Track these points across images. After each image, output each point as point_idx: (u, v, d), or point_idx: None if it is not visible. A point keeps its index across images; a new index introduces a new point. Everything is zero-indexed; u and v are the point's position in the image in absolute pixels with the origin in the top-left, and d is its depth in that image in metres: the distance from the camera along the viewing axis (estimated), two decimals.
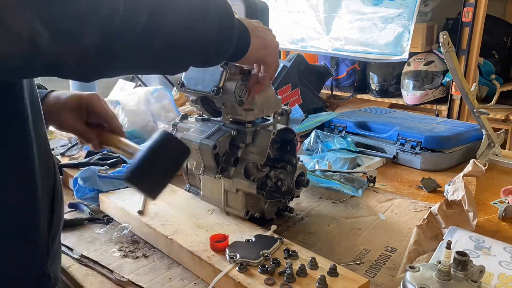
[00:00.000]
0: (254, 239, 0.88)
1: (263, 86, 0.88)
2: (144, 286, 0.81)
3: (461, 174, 1.06)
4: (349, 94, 3.21)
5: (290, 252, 0.83)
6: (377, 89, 3.04)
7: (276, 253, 0.84)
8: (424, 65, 2.77)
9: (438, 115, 2.67)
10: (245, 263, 0.79)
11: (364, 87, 3.20)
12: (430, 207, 1.04)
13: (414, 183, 1.32)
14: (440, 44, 1.30)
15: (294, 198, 1.07)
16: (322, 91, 3.03)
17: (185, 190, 1.10)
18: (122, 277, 0.84)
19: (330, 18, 2.83)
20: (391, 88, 3.02)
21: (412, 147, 1.45)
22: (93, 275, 0.85)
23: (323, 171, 1.30)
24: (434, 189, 1.27)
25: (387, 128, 1.56)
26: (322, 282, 0.73)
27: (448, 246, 0.65)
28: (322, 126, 1.70)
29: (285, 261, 0.81)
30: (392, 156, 1.49)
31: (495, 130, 1.51)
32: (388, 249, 0.94)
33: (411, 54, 2.68)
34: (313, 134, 1.55)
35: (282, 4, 3.08)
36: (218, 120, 0.98)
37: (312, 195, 1.21)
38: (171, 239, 0.89)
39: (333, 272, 0.76)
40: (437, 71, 2.75)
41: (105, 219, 1.06)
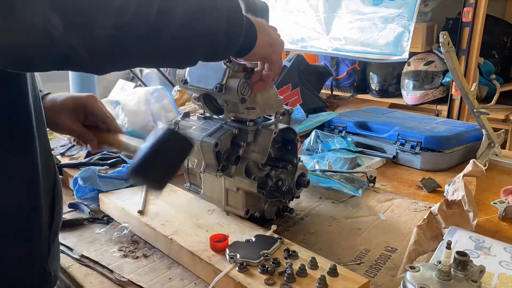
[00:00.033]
0: (254, 239, 0.88)
1: (266, 84, 0.88)
2: (144, 286, 0.81)
3: (461, 174, 1.06)
4: (349, 94, 3.21)
5: (290, 252, 0.83)
6: (377, 89, 3.04)
7: (276, 253, 0.84)
8: (424, 65, 2.77)
9: (438, 115, 2.67)
10: (245, 263, 0.79)
11: (364, 87, 3.20)
12: (430, 207, 1.04)
13: (414, 183, 1.32)
14: (440, 44, 1.30)
15: (294, 198, 1.07)
16: (322, 91, 3.03)
17: (185, 190, 1.10)
18: (122, 277, 0.84)
19: (330, 18, 2.83)
20: (391, 88, 3.02)
21: (412, 147, 1.45)
22: (93, 275, 0.85)
23: (323, 171, 1.30)
24: (434, 189, 1.27)
25: (387, 128, 1.56)
26: (322, 282, 0.73)
27: (448, 246, 0.65)
28: (322, 126, 1.70)
29: (285, 261, 0.81)
30: (392, 156, 1.49)
31: (495, 130, 1.51)
32: (388, 249, 0.94)
33: (411, 54, 2.68)
34: (313, 134, 1.55)
35: (282, 4, 3.08)
36: (220, 118, 0.98)
37: (312, 195, 1.21)
38: (171, 239, 0.89)
39: (333, 272, 0.76)
40: (437, 71, 2.75)
41: (105, 219, 1.06)
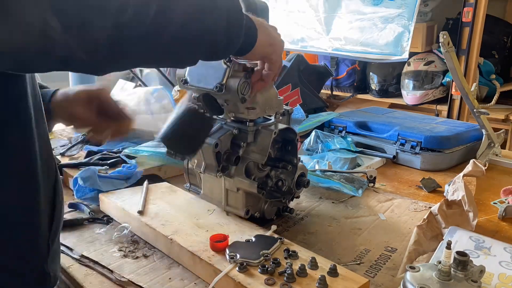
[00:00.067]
0: (254, 239, 0.88)
1: (266, 83, 0.88)
2: (144, 286, 0.81)
3: (461, 174, 1.06)
4: (349, 94, 3.21)
5: (290, 252, 0.83)
6: (377, 89, 3.04)
7: (276, 253, 0.83)
8: (424, 65, 2.77)
9: (438, 115, 2.67)
10: (245, 263, 0.78)
11: (364, 87, 3.20)
12: (430, 207, 1.04)
13: (414, 183, 1.32)
14: (440, 44, 1.30)
15: (294, 198, 1.07)
16: (322, 91, 3.03)
17: (185, 190, 1.10)
18: (122, 277, 0.84)
19: (330, 18, 2.83)
20: (391, 88, 3.02)
21: (412, 147, 1.45)
22: (93, 275, 0.85)
23: (323, 171, 1.30)
24: (434, 189, 1.27)
25: (387, 128, 1.56)
26: (322, 282, 0.73)
27: (448, 246, 0.64)
28: (322, 126, 1.70)
29: (285, 261, 0.81)
30: (392, 156, 1.49)
31: (495, 130, 1.51)
32: (388, 249, 0.94)
33: (411, 54, 2.68)
34: (313, 134, 1.55)
35: (282, 4, 3.08)
36: (220, 118, 0.98)
37: (312, 195, 1.21)
38: (171, 239, 0.89)
39: (333, 272, 0.76)
40: (437, 71, 2.75)
41: (105, 219, 1.06)
